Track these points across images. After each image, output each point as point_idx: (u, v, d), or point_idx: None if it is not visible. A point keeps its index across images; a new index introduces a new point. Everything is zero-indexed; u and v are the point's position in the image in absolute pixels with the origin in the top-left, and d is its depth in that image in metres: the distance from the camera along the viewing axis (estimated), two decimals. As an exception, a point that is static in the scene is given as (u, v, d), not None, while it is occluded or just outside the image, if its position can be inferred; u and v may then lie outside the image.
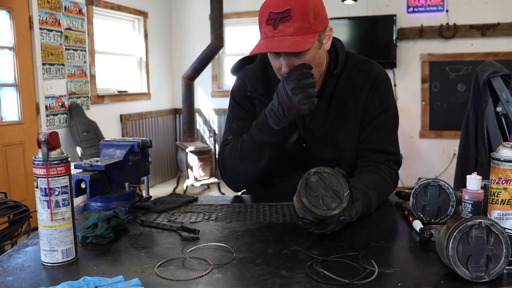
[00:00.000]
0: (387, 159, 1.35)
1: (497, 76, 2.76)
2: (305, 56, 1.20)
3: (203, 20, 5.85)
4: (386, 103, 1.36)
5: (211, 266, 0.88)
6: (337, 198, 1.01)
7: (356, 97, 1.34)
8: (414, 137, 5.30)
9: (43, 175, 0.83)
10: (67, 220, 0.87)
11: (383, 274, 0.84)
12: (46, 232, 0.86)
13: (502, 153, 0.87)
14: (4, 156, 3.69)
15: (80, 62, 4.45)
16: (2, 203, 2.46)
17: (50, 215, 0.84)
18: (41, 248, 0.88)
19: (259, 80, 1.39)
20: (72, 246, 0.89)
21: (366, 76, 1.35)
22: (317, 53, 1.23)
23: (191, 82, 5.29)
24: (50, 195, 0.83)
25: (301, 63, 1.20)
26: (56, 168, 0.84)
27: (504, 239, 0.81)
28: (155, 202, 1.36)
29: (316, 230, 1.02)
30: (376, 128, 1.35)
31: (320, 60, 1.25)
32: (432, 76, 5.16)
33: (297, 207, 1.03)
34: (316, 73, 1.24)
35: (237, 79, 1.46)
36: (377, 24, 5.20)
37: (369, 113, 1.35)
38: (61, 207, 0.85)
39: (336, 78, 1.34)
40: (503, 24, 4.86)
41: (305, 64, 1.20)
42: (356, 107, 1.35)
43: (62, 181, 0.85)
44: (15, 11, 3.74)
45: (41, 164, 0.84)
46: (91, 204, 1.28)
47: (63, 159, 0.85)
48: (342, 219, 1.01)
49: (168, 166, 6.05)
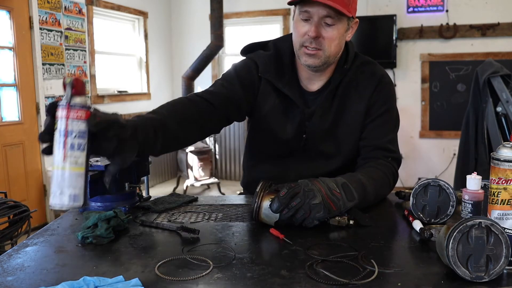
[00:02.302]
0: (386, 155, 1.36)
1: (497, 76, 2.76)
2: (333, 31, 1.25)
3: (203, 20, 5.85)
4: (389, 103, 1.40)
5: (211, 266, 0.88)
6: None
7: (359, 95, 1.36)
8: (414, 137, 5.30)
9: (63, 116, 0.83)
10: (79, 165, 0.85)
11: (383, 274, 0.84)
12: (57, 173, 0.84)
13: (502, 153, 0.87)
14: (4, 156, 3.69)
15: (80, 62, 4.45)
16: (2, 203, 2.46)
17: (63, 156, 0.83)
18: (51, 190, 0.86)
19: (273, 65, 1.38)
20: (81, 193, 0.85)
21: (371, 76, 1.37)
22: (342, 34, 1.28)
23: (191, 82, 5.29)
24: (66, 137, 0.82)
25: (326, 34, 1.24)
26: (77, 112, 0.83)
27: (504, 239, 0.81)
28: (155, 202, 1.36)
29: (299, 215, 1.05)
30: (378, 126, 1.37)
31: (341, 43, 1.30)
32: (432, 76, 5.16)
33: (273, 206, 1.06)
34: (333, 53, 1.29)
35: (246, 59, 1.44)
36: (377, 24, 5.20)
37: (372, 112, 1.37)
38: (75, 151, 0.83)
39: (343, 74, 1.36)
40: (503, 24, 4.86)
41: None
42: (359, 105, 1.36)
43: (81, 125, 0.83)
44: (15, 11, 3.74)
45: (64, 106, 0.84)
46: (91, 204, 1.28)
47: (85, 106, 0.85)
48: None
49: (168, 166, 6.05)
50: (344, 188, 1.11)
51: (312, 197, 1.05)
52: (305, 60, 1.29)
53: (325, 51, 1.27)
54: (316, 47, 1.26)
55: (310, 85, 1.38)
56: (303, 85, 1.39)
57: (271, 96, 1.38)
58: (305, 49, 1.28)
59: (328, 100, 1.36)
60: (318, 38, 1.25)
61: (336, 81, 1.35)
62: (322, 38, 1.25)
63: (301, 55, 1.30)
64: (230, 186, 5.62)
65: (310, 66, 1.30)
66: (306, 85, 1.39)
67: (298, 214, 1.06)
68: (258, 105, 1.40)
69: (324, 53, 1.27)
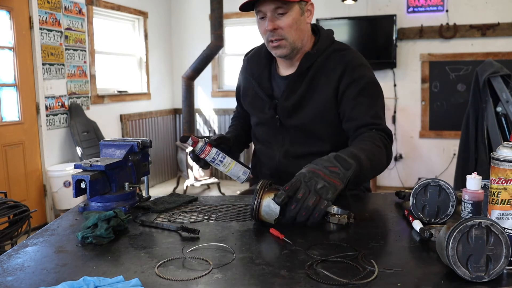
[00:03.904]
0: (370, 128, 1.38)
1: (497, 76, 2.76)
2: (287, 19, 1.38)
3: (203, 20, 5.85)
4: (362, 83, 1.42)
5: (211, 266, 0.88)
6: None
7: (326, 78, 1.45)
8: (414, 137, 5.30)
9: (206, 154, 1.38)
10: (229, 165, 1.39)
11: (383, 274, 0.84)
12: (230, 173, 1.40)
13: (502, 153, 0.87)
14: (4, 156, 3.69)
15: (80, 62, 4.45)
16: (2, 203, 2.46)
17: (224, 168, 1.39)
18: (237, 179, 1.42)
19: (255, 59, 1.62)
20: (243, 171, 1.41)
21: (339, 61, 1.45)
22: (299, 19, 1.40)
23: (191, 82, 5.29)
24: (214, 162, 1.38)
25: (282, 24, 1.38)
26: (204, 152, 1.37)
27: (504, 239, 0.81)
28: (155, 202, 1.37)
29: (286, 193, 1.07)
30: (355, 107, 1.41)
31: (300, 27, 1.42)
32: (432, 76, 5.16)
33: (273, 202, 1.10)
34: (296, 38, 1.42)
35: (243, 60, 1.71)
36: (377, 24, 5.20)
37: (346, 95, 1.42)
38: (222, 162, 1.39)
39: (312, 60, 1.46)
40: (503, 24, 4.86)
41: None
42: (326, 87, 1.44)
43: (212, 153, 1.37)
44: (15, 11, 3.74)
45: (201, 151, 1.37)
46: (91, 204, 1.28)
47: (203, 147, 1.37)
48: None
49: (168, 166, 6.05)
50: (338, 159, 1.15)
51: (315, 184, 1.08)
52: (275, 52, 1.46)
53: (288, 38, 1.40)
54: (278, 38, 1.40)
55: (284, 72, 1.54)
56: (279, 72, 1.55)
57: (250, 87, 1.60)
58: (271, 44, 1.43)
59: (296, 83, 1.48)
60: (276, 29, 1.39)
61: (303, 65, 1.46)
62: (280, 29, 1.39)
63: (271, 49, 1.46)
64: (230, 186, 5.62)
65: (280, 56, 1.46)
66: (282, 72, 1.54)
67: (309, 202, 1.06)
68: (243, 98, 1.65)
69: (287, 41, 1.41)
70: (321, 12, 5.06)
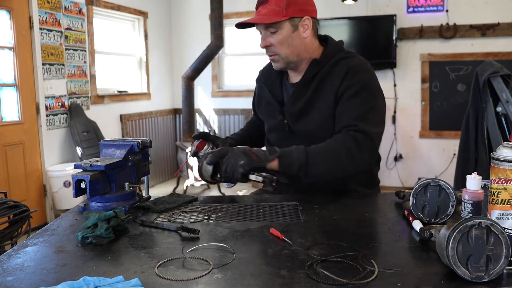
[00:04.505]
0: (349, 129, 1.40)
1: (497, 76, 2.75)
2: (278, 36, 1.46)
3: (203, 20, 5.85)
4: (358, 87, 1.43)
5: (211, 266, 0.88)
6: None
7: (331, 84, 1.48)
8: (414, 137, 5.30)
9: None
10: None
11: (383, 274, 0.84)
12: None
13: (502, 153, 0.87)
14: (4, 156, 3.69)
15: (80, 62, 4.45)
16: (2, 203, 2.47)
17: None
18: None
19: (267, 68, 1.70)
20: None
21: (343, 67, 1.48)
22: (290, 35, 1.47)
23: (191, 82, 5.29)
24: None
25: (274, 41, 1.47)
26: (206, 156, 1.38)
27: (504, 239, 0.81)
28: (155, 202, 1.37)
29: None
30: (347, 109, 1.44)
31: (293, 43, 1.48)
32: (432, 76, 5.16)
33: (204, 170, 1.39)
34: (289, 53, 1.49)
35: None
36: (377, 24, 5.20)
37: (342, 98, 1.45)
38: None
39: (318, 67, 1.50)
40: (503, 24, 4.86)
41: None
42: (330, 93, 1.48)
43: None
44: (15, 11, 3.74)
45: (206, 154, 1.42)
46: (91, 204, 1.28)
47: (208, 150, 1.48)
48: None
49: (168, 166, 6.05)
50: (269, 149, 1.35)
51: (238, 153, 1.31)
52: (273, 64, 1.56)
53: (280, 54, 1.49)
54: (271, 54, 1.50)
55: (294, 79, 1.60)
56: (289, 79, 1.62)
57: (263, 95, 1.67)
58: (268, 57, 1.53)
59: (302, 89, 1.52)
60: (269, 46, 1.49)
61: (309, 73, 1.51)
62: (272, 46, 1.48)
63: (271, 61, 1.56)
64: (230, 186, 5.62)
65: (277, 69, 1.56)
66: (292, 79, 1.61)
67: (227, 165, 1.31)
68: (258, 106, 1.73)
69: (280, 56, 1.49)
70: (321, 12, 5.04)
